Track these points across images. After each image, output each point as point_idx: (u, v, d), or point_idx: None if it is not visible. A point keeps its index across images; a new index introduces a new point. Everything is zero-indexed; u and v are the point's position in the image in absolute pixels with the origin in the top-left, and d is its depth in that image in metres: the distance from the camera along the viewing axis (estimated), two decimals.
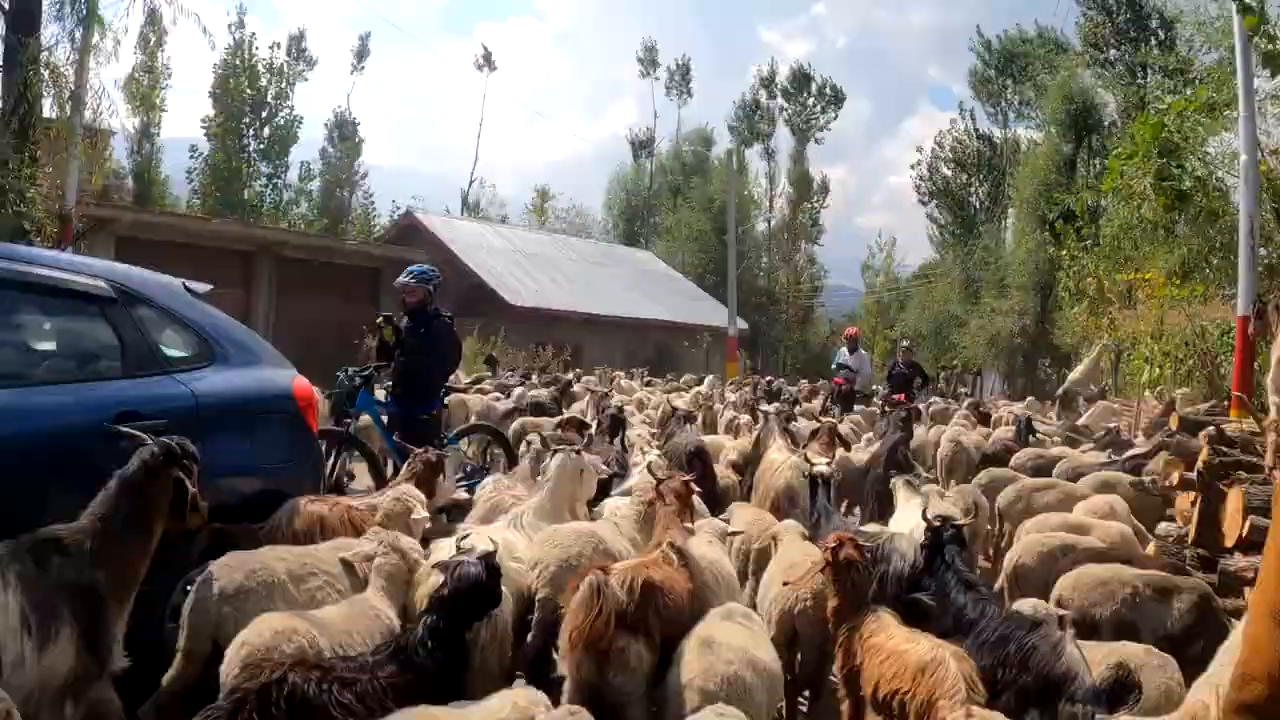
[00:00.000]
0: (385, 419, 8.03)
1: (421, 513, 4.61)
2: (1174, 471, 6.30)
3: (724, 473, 7.76)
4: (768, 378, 20.82)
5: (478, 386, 13.94)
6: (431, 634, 3.21)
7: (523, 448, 7.57)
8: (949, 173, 42.04)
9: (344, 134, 44.06)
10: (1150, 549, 6.21)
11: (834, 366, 15.47)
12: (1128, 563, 5.16)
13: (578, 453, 5.41)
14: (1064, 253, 22.27)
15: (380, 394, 8.22)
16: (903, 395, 14.42)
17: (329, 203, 42.85)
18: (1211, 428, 6.10)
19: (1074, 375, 17.35)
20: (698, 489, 5.24)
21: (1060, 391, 17.93)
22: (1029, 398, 23.48)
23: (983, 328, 32.70)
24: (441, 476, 5.43)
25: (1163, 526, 6.45)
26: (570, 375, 17.02)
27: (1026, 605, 4.18)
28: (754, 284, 47.20)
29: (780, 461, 6.94)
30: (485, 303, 25.83)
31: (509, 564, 4.01)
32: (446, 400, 9.24)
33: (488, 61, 49.77)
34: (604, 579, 3.52)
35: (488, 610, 3.55)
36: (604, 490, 5.96)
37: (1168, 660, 3.74)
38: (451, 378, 8.78)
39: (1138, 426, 14.50)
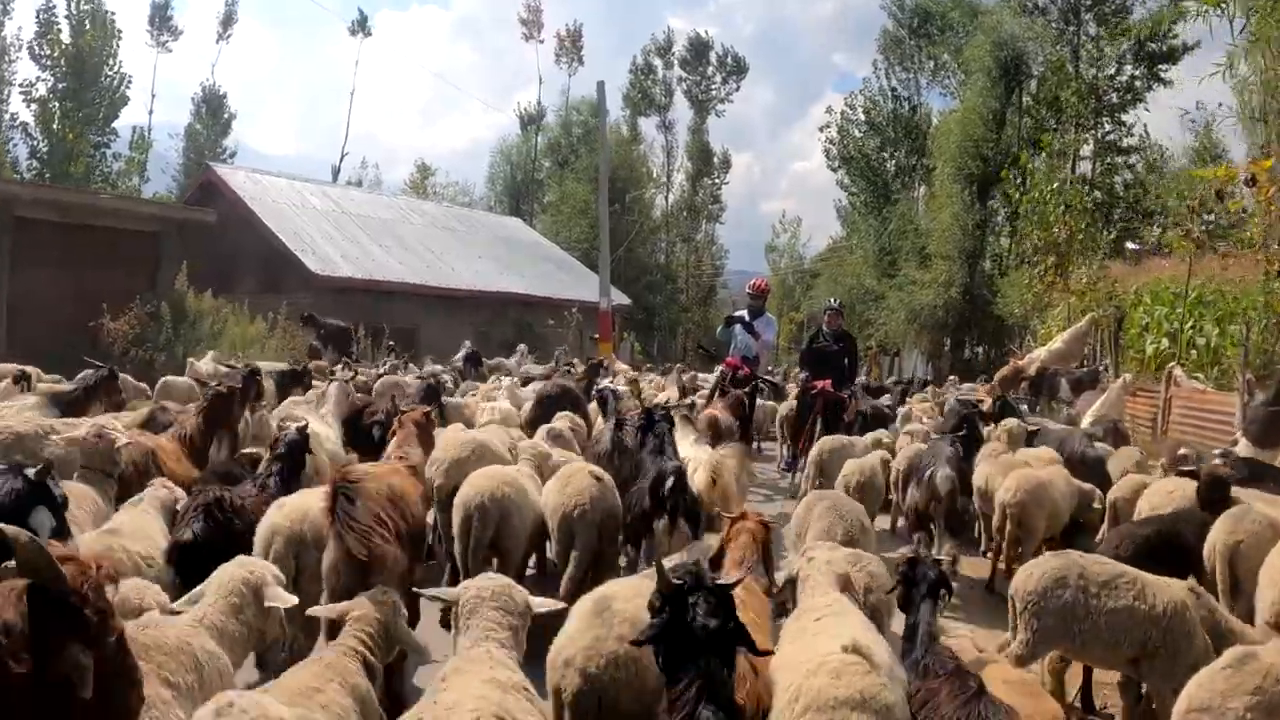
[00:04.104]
0: None
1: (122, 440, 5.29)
2: None
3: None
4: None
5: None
6: (275, 474, 4.94)
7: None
8: (860, 135, 38.01)
9: (211, 109, 41.95)
10: None
11: (720, 331, 10.17)
12: None
13: (344, 382, 8.71)
14: (1025, 198, 17.72)
15: None
16: (828, 381, 9.49)
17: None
18: None
19: (1053, 347, 12.79)
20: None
21: (1013, 372, 13.45)
22: (951, 378, 19.37)
23: (902, 301, 28.66)
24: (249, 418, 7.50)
25: None
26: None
27: None
28: (649, 261, 43.20)
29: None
30: (290, 274, 20.09)
31: (326, 444, 6.46)
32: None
33: (361, 27, 45.77)
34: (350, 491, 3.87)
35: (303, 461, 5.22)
36: None
37: None
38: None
39: (1167, 419, 9.99)
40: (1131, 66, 29.14)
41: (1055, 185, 17.06)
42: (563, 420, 7.49)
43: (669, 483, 4.67)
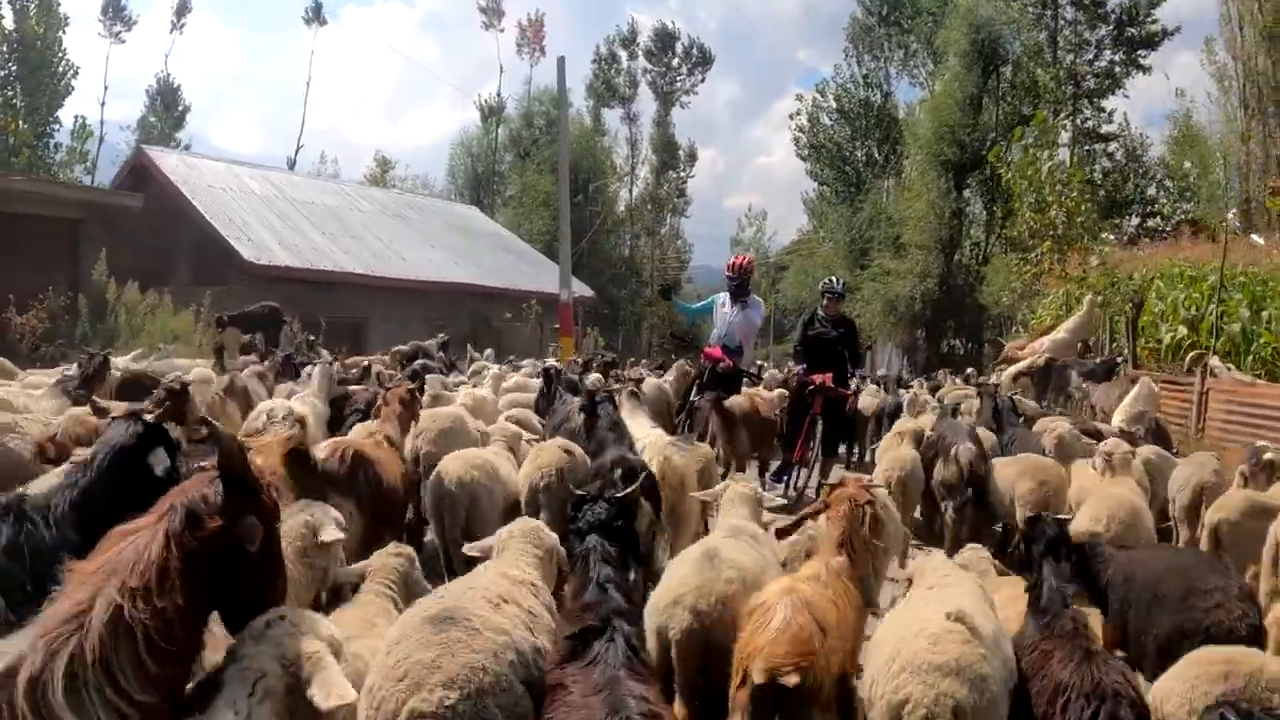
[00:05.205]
0: None
1: None
2: None
3: None
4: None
5: None
6: None
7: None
8: (830, 123, 37.04)
9: (165, 101, 40.81)
10: None
11: (694, 305, 9.40)
12: None
13: (329, 364, 8.65)
14: (1023, 180, 16.60)
15: None
16: (828, 375, 8.26)
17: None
18: None
19: (1057, 337, 11.68)
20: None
21: (1019, 364, 12.38)
22: (969, 370, 18.30)
23: (877, 292, 27.66)
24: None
25: None
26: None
27: None
28: (613, 254, 42.02)
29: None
30: (223, 263, 18.48)
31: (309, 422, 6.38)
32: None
33: (316, 15, 44.69)
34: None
35: None
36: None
37: None
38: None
39: (1203, 415, 8.88)
40: (1110, 52, 28.46)
41: (1050, 166, 16.07)
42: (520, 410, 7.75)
43: (619, 472, 4.70)
